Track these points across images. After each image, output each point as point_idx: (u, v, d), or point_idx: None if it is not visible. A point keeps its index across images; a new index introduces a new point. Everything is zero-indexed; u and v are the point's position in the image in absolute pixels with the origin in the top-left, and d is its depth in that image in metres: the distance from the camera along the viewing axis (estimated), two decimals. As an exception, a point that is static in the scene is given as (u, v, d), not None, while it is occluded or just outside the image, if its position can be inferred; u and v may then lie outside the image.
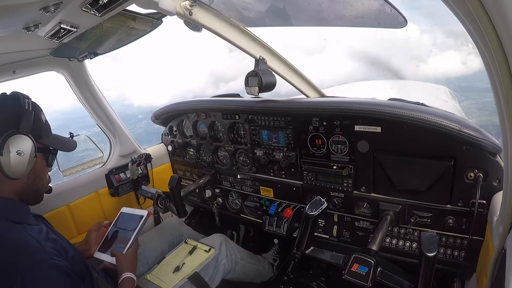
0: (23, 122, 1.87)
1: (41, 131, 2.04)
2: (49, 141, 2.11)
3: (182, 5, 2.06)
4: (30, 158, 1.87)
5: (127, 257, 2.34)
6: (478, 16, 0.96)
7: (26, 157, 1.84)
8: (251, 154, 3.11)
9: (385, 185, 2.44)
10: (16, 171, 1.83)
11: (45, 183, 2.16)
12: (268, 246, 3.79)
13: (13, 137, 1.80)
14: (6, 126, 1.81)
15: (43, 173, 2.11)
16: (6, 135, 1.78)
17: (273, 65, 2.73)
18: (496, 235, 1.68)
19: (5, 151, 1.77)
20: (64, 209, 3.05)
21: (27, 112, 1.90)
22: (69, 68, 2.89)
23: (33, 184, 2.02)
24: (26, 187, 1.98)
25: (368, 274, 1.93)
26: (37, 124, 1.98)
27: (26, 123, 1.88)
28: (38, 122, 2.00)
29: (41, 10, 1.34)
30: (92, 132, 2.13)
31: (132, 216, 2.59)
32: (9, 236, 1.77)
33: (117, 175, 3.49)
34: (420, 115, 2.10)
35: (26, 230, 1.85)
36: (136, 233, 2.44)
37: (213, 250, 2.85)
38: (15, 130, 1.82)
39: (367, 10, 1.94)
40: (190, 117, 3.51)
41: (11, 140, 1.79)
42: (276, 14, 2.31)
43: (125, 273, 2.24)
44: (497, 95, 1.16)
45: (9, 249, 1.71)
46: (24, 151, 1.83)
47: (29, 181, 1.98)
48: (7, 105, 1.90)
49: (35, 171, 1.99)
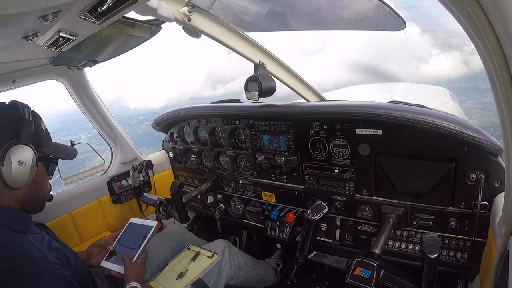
0: (24, 131, 1.86)
1: (42, 140, 2.04)
2: (49, 149, 2.10)
3: (181, 11, 2.06)
4: (32, 168, 1.86)
5: (136, 266, 2.34)
6: (476, 17, 0.96)
7: (28, 167, 1.83)
8: (253, 159, 3.11)
9: (387, 188, 2.43)
10: (18, 181, 1.82)
11: (46, 191, 2.15)
12: (271, 251, 3.78)
13: (14, 147, 1.79)
14: (7, 136, 1.81)
15: (44, 182, 2.11)
16: (7, 145, 1.77)
17: (273, 70, 2.73)
18: (498, 237, 1.67)
19: (7, 161, 1.76)
20: (67, 217, 3.05)
21: (27, 122, 1.89)
22: (69, 76, 2.89)
23: (34, 193, 2.01)
24: (27, 196, 1.97)
25: (371, 277, 1.92)
26: (37, 133, 1.97)
27: (26, 133, 1.87)
28: (38, 131, 1.99)
29: (40, 19, 1.34)
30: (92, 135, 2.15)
31: (141, 227, 2.58)
32: (11, 246, 1.76)
33: (118, 183, 3.49)
34: (421, 117, 2.09)
35: (28, 239, 1.83)
36: (145, 243, 2.44)
37: (216, 256, 2.83)
38: (16, 140, 1.81)
39: (366, 13, 1.94)
40: (190, 123, 3.51)
41: (13, 151, 1.78)
42: (274, 18, 2.32)
43: (132, 283, 2.23)
44: (497, 96, 1.16)
45: (11, 258, 1.70)
46: (25, 161, 1.82)
47: (30, 190, 1.98)
48: (7, 115, 1.89)
49: (36, 180, 1.99)
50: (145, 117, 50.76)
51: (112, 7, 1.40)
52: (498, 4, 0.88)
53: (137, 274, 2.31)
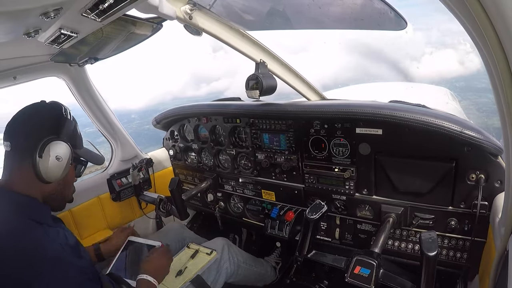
0: (64, 129, 1.96)
1: (77, 141, 2.13)
2: (81, 152, 2.19)
3: (182, 9, 2.06)
4: (67, 164, 1.92)
5: (155, 259, 2.44)
6: (477, 16, 0.96)
7: (64, 163, 1.89)
8: (253, 158, 3.11)
9: (387, 188, 2.43)
10: (52, 175, 1.87)
11: (71, 192, 2.21)
12: (271, 249, 3.78)
13: (54, 142, 1.85)
14: (48, 131, 1.88)
15: (71, 182, 2.17)
16: (48, 139, 1.83)
17: (274, 68, 2.74)
18: (498, 237, 1.67)
19: (45, 154, 1.81)
20: (66, 214, 3.05)
21: (68, 121, 2.01)
22: (70, 73, 2.89)
23: (61, 190, 2.06)
24: (54, 192, 2.01)
25: (371, 276, 1.93)
26: (74, 134, 2.08)
27: (66, 131, 1.97)
28: (75, 133, 2.10)
29: (41, 15, 1.34)
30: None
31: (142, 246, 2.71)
32: (29, 235, 1.77)
33: (118, 180, 3.48)
34: (421, 117, 2.09)
35: (45, 230, 1.85)
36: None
37: (215, 253, 2.84)
38: (56, 136, 1.88)
39: (367, 12, 1.93)
40: (191, 121, 3.52)
41: (52, 145, 1.84)
42: (276, 17, 2.31)
43: (143, 275, 2.27)
44: (497, 95, 1.15)
45: (28, 247, 1.71)
46: (63, 157, 1.88)
47: (58, 187, 2.02)
48: (50, 112, 1.98)
49: (66, 179, 2.03)
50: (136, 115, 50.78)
51: (113, 5, 1.40)
52: (498, 3, 0.88)
53: (151, 267, 2.35)
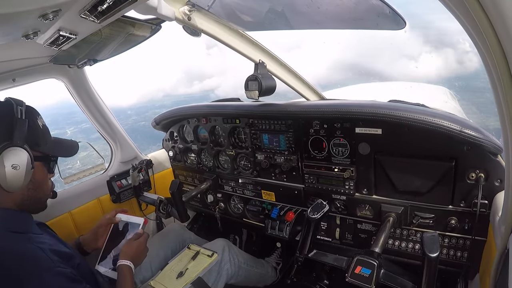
0: (17, 132, 1.79)
1: (38, 138, 1.98)
2: (47, 147, 2.05)
3: (181, 10, 2.07)
4: (27, 171, 1.80)
5: (132, 244, 2.42)
6: (476, 15, 0.96)
7: (22, 170, 1.77)
8: (252, 158, 3.11)
9: (386, 187, 2.43)
10: (13, 185, 1.77)
11: (47, 190, 2.12)
12: (271, 250, 3.79)
13: (7, 150, 1.74)
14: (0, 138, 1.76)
15: (44, 182, 2.07)
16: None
17: (273, 69, 2.74)
18: (498, 235, 1.67)
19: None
20: (67, 216, 3.05)
21: (20, 121, 1.83)
22: (69, 75, 2.88)
23: (33, 194, 1.98)
24: (26, 198, 1.94)
25: (372, 276, 1.93)
26: (33, 132, 1.92)
27: (19, 134, 1.81)
28: (34, 130, 1.94)
29: (40, 17, 1.34)
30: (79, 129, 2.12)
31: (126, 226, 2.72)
32: (13, 247, 1.72)
33: (118, 182, 3.48)
34: (421, 116, 2.09)
35: (30, 239, 1.81)
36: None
37: (216, 255, 2.84)
38: (9, 143, 1.75)
39: (365, 12, 1.94)
40: (190, 122, 3.51)
41: (5, 154, 1.73)
42: (274, 17, 2.31)
43: (122, 260, 2.27)
44: (497, 94, 1.15)
45: (14, 259, 1.68)
46: (20, 164, 1.76)
47: (29, 192, 1.94)
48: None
49: (34, 181, 1.94)
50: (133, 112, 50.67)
51: (112, 6, 1.40)
52: (497, 2, 0.88)
53: (130, 251, 2.36)
